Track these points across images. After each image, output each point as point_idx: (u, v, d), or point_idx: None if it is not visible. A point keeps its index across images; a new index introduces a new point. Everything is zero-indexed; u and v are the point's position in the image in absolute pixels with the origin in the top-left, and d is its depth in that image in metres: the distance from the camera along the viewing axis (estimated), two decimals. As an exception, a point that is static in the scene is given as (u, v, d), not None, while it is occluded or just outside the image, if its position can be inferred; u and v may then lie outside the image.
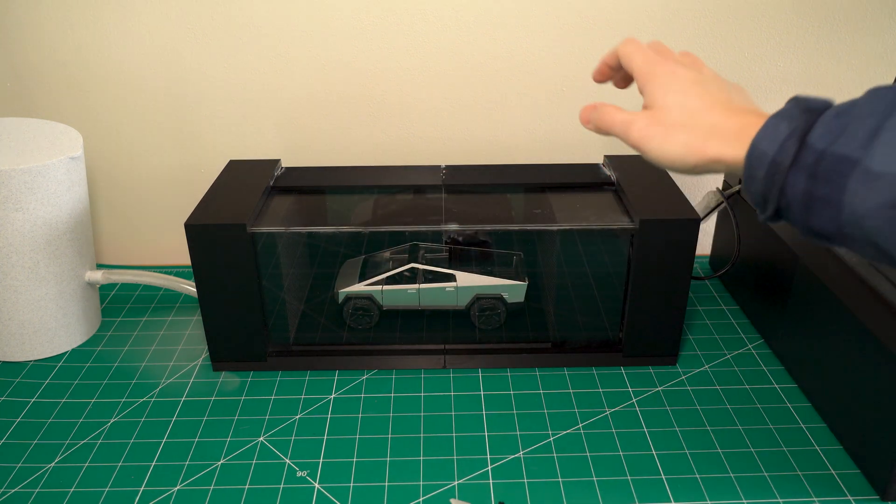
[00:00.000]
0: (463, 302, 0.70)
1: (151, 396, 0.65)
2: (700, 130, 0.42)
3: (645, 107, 0.46)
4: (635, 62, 0.47)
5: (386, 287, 0.69)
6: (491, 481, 0.55)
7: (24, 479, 0.56)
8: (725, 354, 0.70)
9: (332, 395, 0.65)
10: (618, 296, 0.66)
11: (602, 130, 0.48)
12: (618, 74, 0.51)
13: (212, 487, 0.55)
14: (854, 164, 0.34)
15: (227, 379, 0.67)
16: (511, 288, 0.69)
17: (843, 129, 0.35)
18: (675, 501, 0.53)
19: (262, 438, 0.60)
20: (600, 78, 0.52)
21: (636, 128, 0.44)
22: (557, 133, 0.86)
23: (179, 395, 0.65)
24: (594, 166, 0.74)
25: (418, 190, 0.70)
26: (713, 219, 0.87)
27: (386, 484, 0.55)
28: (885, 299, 0.51)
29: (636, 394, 0.64)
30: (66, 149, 0.66)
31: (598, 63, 0.52)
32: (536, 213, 0.65)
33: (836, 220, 0.35)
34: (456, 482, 0.55)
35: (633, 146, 0.45)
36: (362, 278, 0.70)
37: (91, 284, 0.72)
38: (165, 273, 0.79)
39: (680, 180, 0.89)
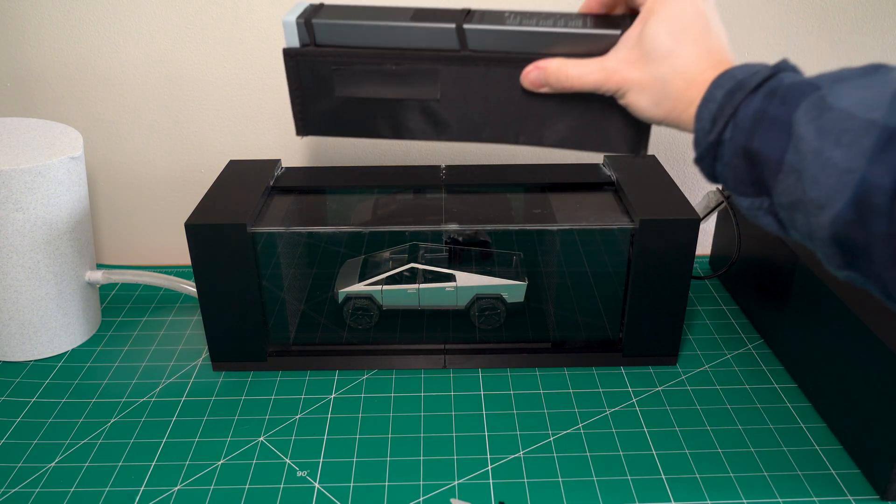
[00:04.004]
0: (463, 302, 0.70)
1: (151, 396, 0.65)
2: (676, 86, 0.41)
3: (636, 26, 0.44)
4: None
5: (386, 287, 0.69)
6: (491, 481, 0.55)
7: (24, 479, 0.56)
8: (725, 354, 0.70)
9: (332, 395, 0.65)
10: (618, 296, 0.66)
11: (563, 90, 0.46)
12: (610, 8, 0.48)
13: (212, 487, 0.55)
14: (816, 88, 0.35)
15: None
16: (511, 288, 0.69)
17: (813, 74, 0.37)
18: (675, 501, 0.53)
19: (262, 438, 0.60)
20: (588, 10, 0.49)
21: (614, 80, 0.44)
22: (557, 133, 0.86)
23: (179, 395, 0.65)
24: (594, 166, 0.74)
25: (418, 190, 0.70)
26: (713, 219, 0.87)
27: (386, 484, 0.55)
28: (885, 299, 0.51)
29: (636, 394, 0.65)
30: (66, 149, 0.66)
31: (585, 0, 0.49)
32: (536, 213, 0.65)
33: (782, 144, 0.35)
34: (456, 482, 0.55)
35: (607, 92, 0.45)
36: (362, 278, 0.70)
37: (91, 284, 0.72)
38: (165, 273, 0.79)
39: (679, 180, 0.89)
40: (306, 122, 0.53)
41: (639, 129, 0.49)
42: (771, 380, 0.66)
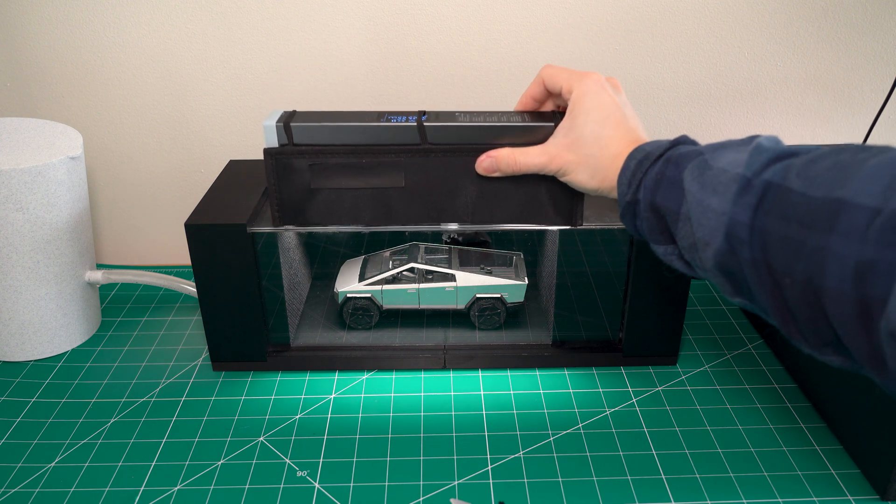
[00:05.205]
0: (463, 302, 0.70)
1: (151, 396, 0.65)
2: (605, 161, 0.51)
3: (566, 119, 0.53)
4: (563, 83, 0.53)
5: (386, 287, 0.69)
6: (491, 481, 0.55)
7: (24, 479, 0.56)
8: (725, 354, 0.70)
9: (332, 395, 0.65)
10: (618, 296, 0.66)
11: (512, 173, 0.56)
12: (541, 103, 0.57)
13: (212, 487, 0.55)
14: (699, 154, 0.44)
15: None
16: (511, 288, 0.69)
17: (704, 144, 0.46)
18: (675, 501, 0.53)
19: (262, 438, 0.60)
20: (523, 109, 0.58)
21: (556, 163, 0.54)
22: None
23: (179, 395, 0.65)
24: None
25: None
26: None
27: (386, 484, 0.55)
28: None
29: (636, 394, 0.65)
30: (66, 149, 0.66)
31: (521, 98, 0.57)
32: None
33: (677, 199, 0.44)
34: (456, 482, 0.55)
35: (550, 172, 0.54)
36: (362, 278, 0.70)
37: (91, 284, 0.72)
38: (165, 273, 0.79)
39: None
40: (283, 214, 0.59)
41: (572, 204, 0.58)
42: (771, 380, 0.66)
